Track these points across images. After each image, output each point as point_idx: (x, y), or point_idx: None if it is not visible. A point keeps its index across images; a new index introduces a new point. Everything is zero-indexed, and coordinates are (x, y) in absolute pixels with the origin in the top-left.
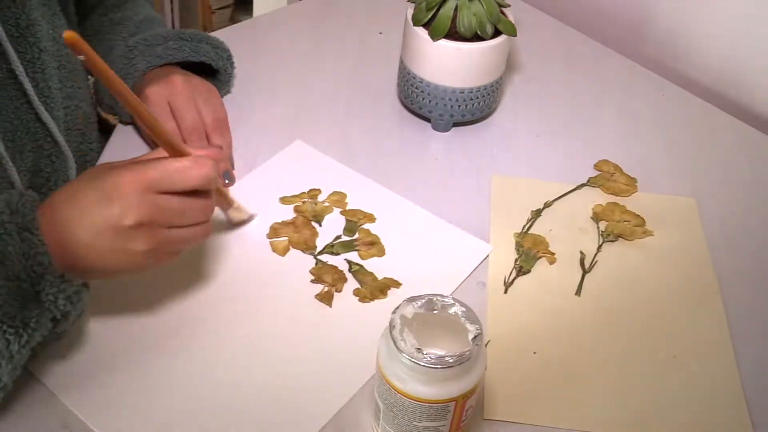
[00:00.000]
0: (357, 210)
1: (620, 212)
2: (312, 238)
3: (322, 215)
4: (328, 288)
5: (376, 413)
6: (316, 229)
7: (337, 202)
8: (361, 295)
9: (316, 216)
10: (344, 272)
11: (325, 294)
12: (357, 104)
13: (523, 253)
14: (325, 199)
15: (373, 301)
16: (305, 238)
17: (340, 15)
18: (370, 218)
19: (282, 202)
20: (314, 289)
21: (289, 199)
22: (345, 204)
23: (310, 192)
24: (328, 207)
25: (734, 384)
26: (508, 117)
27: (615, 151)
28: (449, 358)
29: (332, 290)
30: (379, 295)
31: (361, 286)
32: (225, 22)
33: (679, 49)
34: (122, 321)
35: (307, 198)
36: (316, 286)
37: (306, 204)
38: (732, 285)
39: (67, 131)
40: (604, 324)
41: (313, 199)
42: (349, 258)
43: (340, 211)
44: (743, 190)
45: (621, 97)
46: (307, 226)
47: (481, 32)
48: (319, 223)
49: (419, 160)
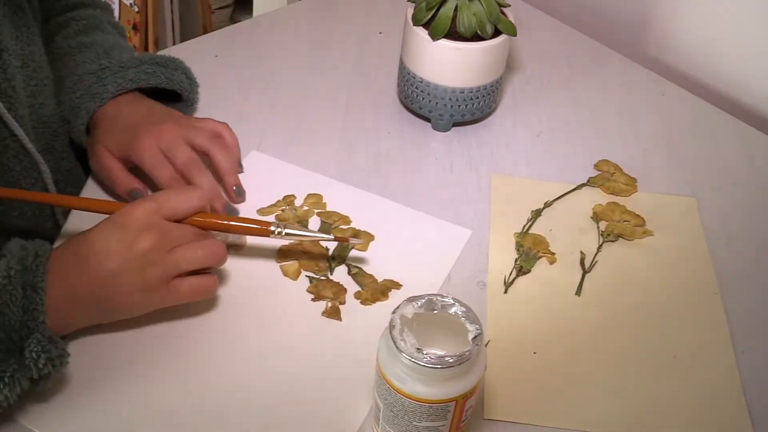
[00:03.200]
0: (333, 212)
1: (620, 212)
2: (322, 260)
3: (305, 219)
4: (331, 303)
5: (376, 413)
6: (325, 249)
7: (315, 204)
8: (362, 298)
9: (301, 221)
10: (341, 284)
11: (332, 309)
12: (357, 104)
13: (523, 253)
14: (303, 203)
15: (375, 303)
16: (316, 260)
17: (340, 15)
18: (345, 220)
19: (260, 213)
20: (318, 307)
21: (266, 210)
22: (324, 205)
23: (285, 199)
24: (308, 210)
25: (734, 384)
26: (508, 117)
27: (615, 151)
28: (449, 358)
29: (336, 304)
30: (380, 297)
31: (362, 288)
32: (225, 22)
33: (679, 49)
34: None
35: (285, 206)
36: (318, 305)
37: (286, 212)
38: (732, 285)
39: (34, 129)
40: (604, 324)
41: (291, 205)
42: (349, 261)
43: (317, 212)
44: (743, 190)
45: (621, 97)
46: (316, 246)
47: (481, 32)
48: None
49: (419, 160)
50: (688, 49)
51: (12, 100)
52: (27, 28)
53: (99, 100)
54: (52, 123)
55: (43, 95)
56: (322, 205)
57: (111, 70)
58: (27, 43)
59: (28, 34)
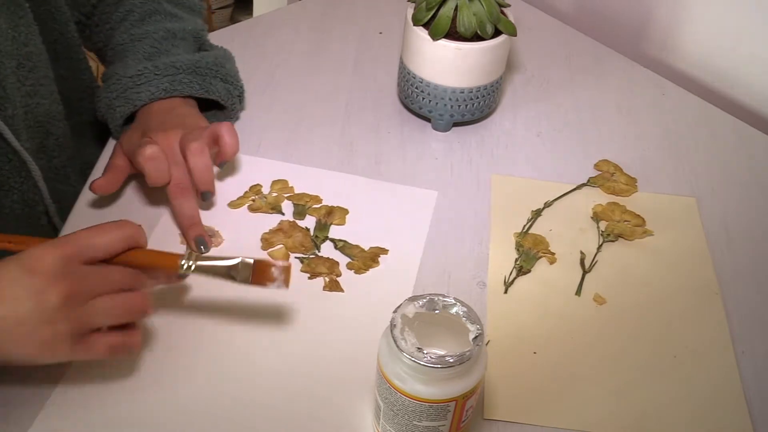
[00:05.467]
0: (303, 194)
1: (620, 212)
2: (306, 239)
3: (277, 204)
4: (329, 277)
5: (376, 412)
6: (304, 229)
7: (283, 189)
8: (355, 268)
9: (274, 207)
10: (332, 258)
11: (331, 283)
12: (357, 104)
13: (523, 253)
14: (270, 190)
15: (368, 270)
16: (300, 240)
17: (340, 15)
18: (317, 200)
19: (231, 206)
20: (316, 284)
21: (236, 203)
22: (291, 189)
23: (252, 189)
24: (278, 196)
25: (734, 384)
26: (508, 117)
27: (615, 151)
28: (450, 358)
29: (333, 277)
30: (372, 264)
31: (352, 259)
32: (225, 22)
33: (679, 49)
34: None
35: (254, 195)
36: (316, 281)
37: (257, 201)
38: (732, 285)
39: (28, 128)
40: (604, 324)
41: (259, 194)
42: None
43: (287, 197)
44: (743, 190)
45: (621, 97)
46: (295, 227)
47: (481, 32)
48: (281, 212)
49: (419, 160)
50: (688, 49)
51: (3, 101)
52: (26, 27)
53: (131, 105)
54: (46, 122)
55: (39, 95)
56: (289, 189)
57: (146, 77)
58: (24, 43)
59: (27, 33)
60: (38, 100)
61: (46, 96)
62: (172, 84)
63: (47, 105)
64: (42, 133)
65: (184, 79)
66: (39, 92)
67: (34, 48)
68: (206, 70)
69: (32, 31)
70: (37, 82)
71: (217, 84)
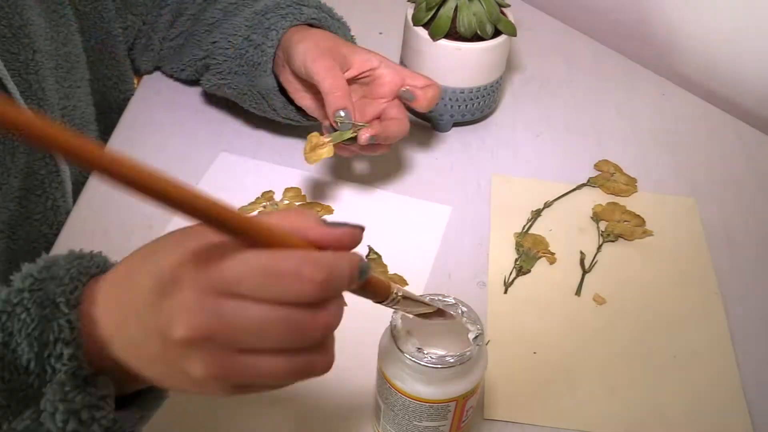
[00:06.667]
0: (315, 203)
1: (620, 212)
2: None
3: None
4: None
5: (376, 412)
6: None
7: (295, 197)
8: None
9: None
10: None
11: None
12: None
13: (523, 253)
14: (282, 197)
15: None
16: None
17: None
18: (328, 210)
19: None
20: None
21: (248, 208)
22: (304, 197)
23: (264, 195)
24: (290, 204)
25: (734, 384)
26: (508, 117)
27: (615, 151)
28: (450, 358)
29: None
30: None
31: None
32: None
33: (679, 49)
34: None
35: (265, 202)
36: None
37: (268, 207)
38: (732, 285)
39: None
40: (604, 324)
41: (271, 201)
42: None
43: (298, 205)
44: (743, 190)
45: (621, 97)
46: None
47: (481, 32)
48: None
49: (419, 160)
50: (688, 49)
51: (42, 103)
52: (66, 27)
53: (276, 31)
54: (81, 126)
55: (75, 97)
56: (302, 198)
57: (271, 10)
58: (63, 43)
59: (66, 33)
60: (74, 103)
61: (81, 98)
62: (310, 12)
63: (83, 108)
64: None
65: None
66: (75, 95)
67: (73, 48)
68: (327, 8)
69: (72, 30)
70: (74, 84)
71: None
